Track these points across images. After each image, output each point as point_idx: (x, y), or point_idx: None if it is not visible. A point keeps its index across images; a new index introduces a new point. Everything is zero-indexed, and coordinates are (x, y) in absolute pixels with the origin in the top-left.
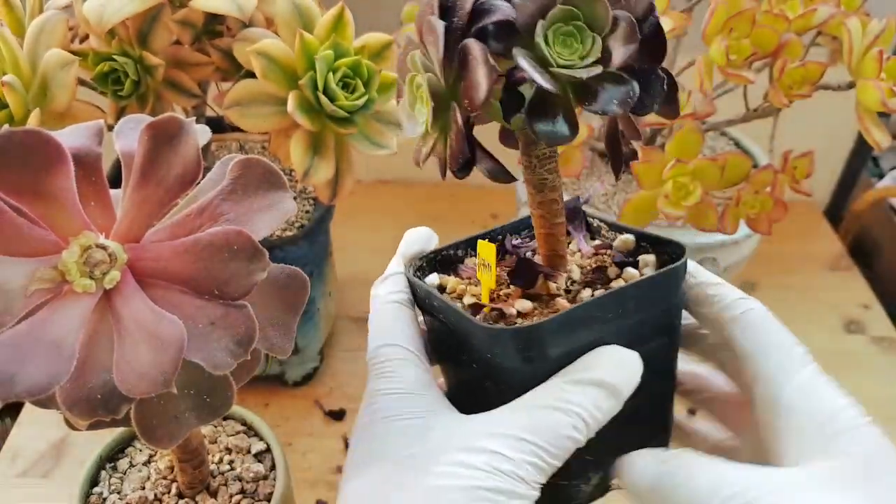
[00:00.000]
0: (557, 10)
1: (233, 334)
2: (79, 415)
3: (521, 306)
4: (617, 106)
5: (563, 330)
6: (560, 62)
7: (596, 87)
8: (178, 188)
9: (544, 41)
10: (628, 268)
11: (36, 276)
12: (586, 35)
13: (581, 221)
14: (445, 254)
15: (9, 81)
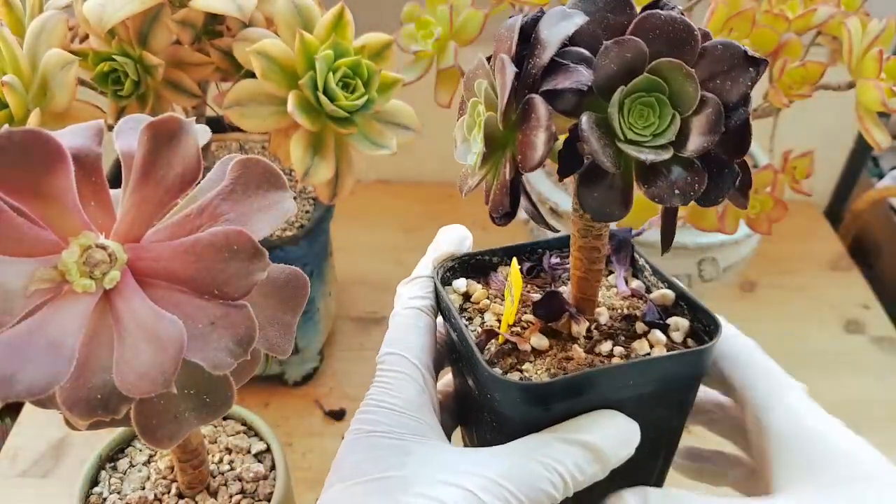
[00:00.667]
0: (642, 79)
1: (233, 334)
2: (79, 415)
3: (538, 343)
4: (678, 197)
5: (573, 390)
6: (629, 136)
7: (661, 171)
8: (178, 188)
9: (619, 110)
10: (657, 330)
11: (36, 276)
12: (667, 111)
13: (627, 256)
14: (480, 259)
15: (9, 81)
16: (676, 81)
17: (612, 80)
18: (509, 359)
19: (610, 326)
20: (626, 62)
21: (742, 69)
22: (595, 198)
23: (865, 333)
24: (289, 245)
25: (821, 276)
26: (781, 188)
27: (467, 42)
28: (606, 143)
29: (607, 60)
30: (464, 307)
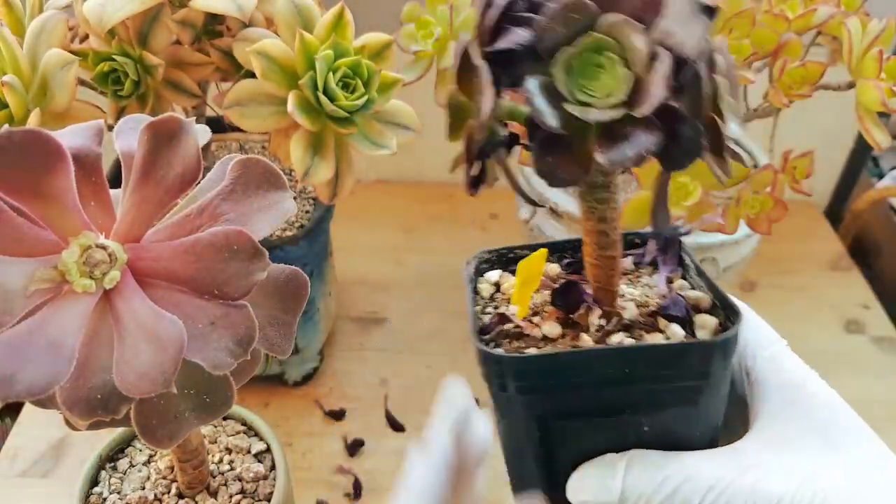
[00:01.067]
0: (590, 39)
1: (233, 334)
2: (79, 415)
3: (549, 330)
4: (631, 158)
5: (548, 371)
6: (580, 97)
7: (616, 132)
8: (178, 188)
9: (566, 72)
10: (675, 325)
11: (36, 276)
12: (619, 70)
13: (673, 255)
14: (517, 253)
15: (9, 81)
16: (625, 38)
17: (557, 41)
18: (516, 342)
19: (633, 321)
20: (572, 22)
21: (696, 20)
22: (548, 162)
23: (865, 333)
24: (289, 245)
25: (821, 276)
26: (781, 188)
27: None
28: (553, 105)
29: (552, 22)
30: (493, 297)
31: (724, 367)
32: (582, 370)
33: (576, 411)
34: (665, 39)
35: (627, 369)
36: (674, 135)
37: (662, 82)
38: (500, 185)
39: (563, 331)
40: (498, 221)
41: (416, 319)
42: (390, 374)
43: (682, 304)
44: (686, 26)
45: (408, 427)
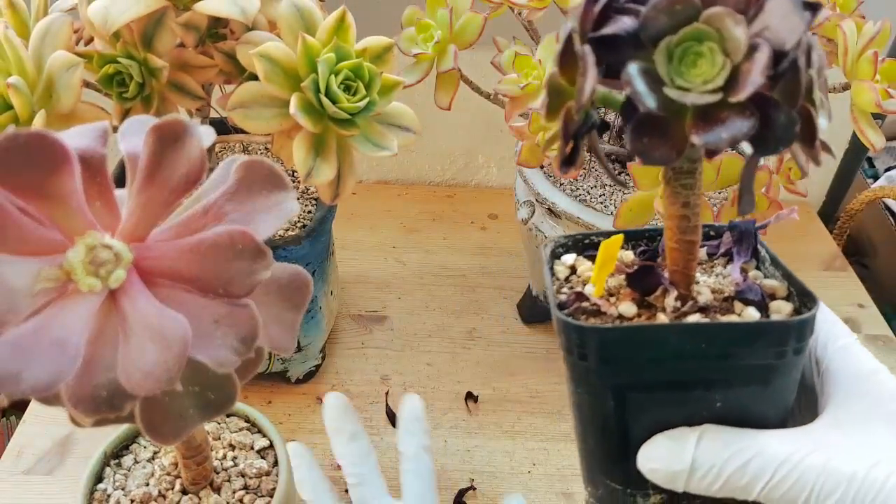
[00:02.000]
0: (692, 28)
1: (237, 332)
2: (84, 412)
3: (626, 310)
4: (725, 140)
5: (626, 343)
6: (678, 83)
7: (711, 116)
8: (183, 189)
9: (667, 58)
10: (751, 308)
11: (41, 276)
12: (717, 58)
13: (748, 247)
14: (593, 240)
15: (14, 83)
16: (726, 28)
17: (660, 29)
18: (593, 319)
19: (709, 304)
20: (675, 13)
21: (797, 14)
22: (644, 143)
23: (860, 332)
24: (291, 245)
25: (816, 275)
26: (776, 189)
27: (467, 45)
28: (652, 89)
29: (655, 11)
30: (568, 279)
31: (799, 350)
32: (661, 344)
33: (652, 384)
34: (764, 31)
35: (704, 345)
36: (768, 121)
37: (760, 70)
38: (499, 185)
39: (638, 311)
40: (497, 221)
41: (416, 318)
42: (391, 371)
43: (757, 289)
44: (787, 20)
45: None
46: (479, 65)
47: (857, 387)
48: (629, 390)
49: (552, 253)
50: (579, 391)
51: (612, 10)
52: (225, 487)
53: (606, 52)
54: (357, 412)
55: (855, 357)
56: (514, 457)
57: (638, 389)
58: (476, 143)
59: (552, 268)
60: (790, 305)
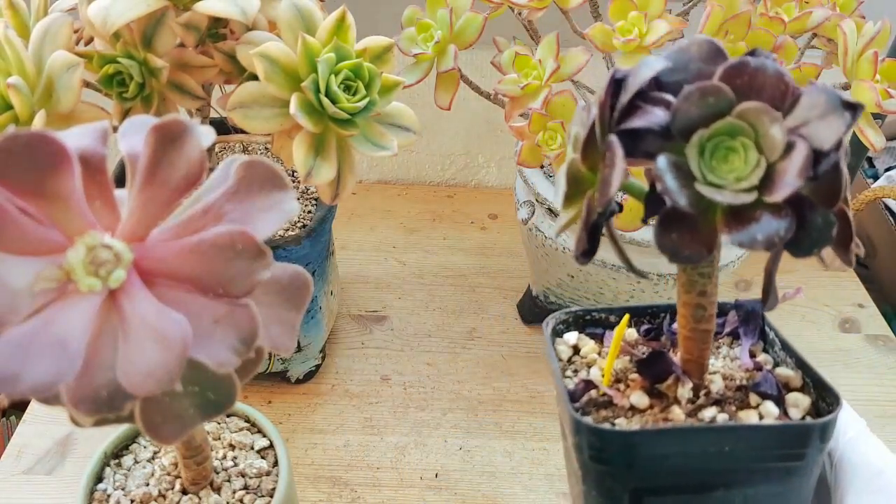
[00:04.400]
0: (724, 123)
1: (236, 332)
2: (84, 412)
3: (637, 401)
4: (762, 243)
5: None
6: (710, 178)
7: (745, 215)
8: (183, 189)
9: (698, 153)
10: (769, 402)
11: (41, 276)
12: (752, 156)
13: (756, 328)
14: (595, 316)
15: (14, 83)
16: (762, 125)
17: (691, 122)
18: (604, 411)
19: (721, 395)
20: (707, 105)
21: (837, 114)
22: (672, 239)
23: (860, 332)
24: (291, 244)
25: (816, 275)
26: None
27: (467, 45)
28: (683, 184)
29: (687, 104)
30: (571, 360)
31: (819, 450)
32: (682, 446)
33: (670, 487)
34: (801, 128)
35: (727, 447)
36: (804, 222)
37: (798, 171)
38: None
39: (650, 401)
40: (497, 222)
41: (416, 317)
42: (391, 371)
43: (772, 381)
44: (827, 119)
45: (408, 424)
46: (479, 65)
47: (869, 485)
48: (648, 494)
49: (553, 331)
50: (593, 493)
51: (641, 99)
52: (225, 487)
53: (634, 143)
54: None
55: (866, 451)
56: (513, 457)
57: (658, 493)
58: (476, 143)
59: (554, 347)
60: (808, 399)
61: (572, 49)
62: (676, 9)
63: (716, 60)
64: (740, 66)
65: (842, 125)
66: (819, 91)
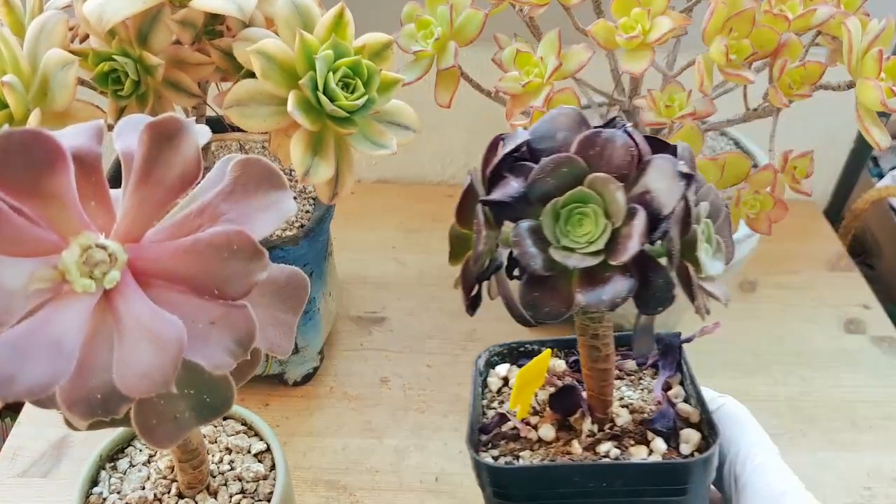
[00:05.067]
0: (577, 191)
1: (233, 334)
2: (79, 415)
3: (545, 433)
4: (605, 302)
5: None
6: (564, 242)
7: (595, 277)
8: (178, 188)
9: (553, 219)
10: (659, 439)
11: (36, 276)
12: (600, 220)
13: (673, 361)
14: (528, 348)
15: (9, 81)
16: (608, 193)
17: (547, 191)
18: (512, 444)
19: (624, 429)
20: (561, 175)
21: (674, 183)
22: (533, 297)
23: (865, 333)
24: (289, 245)
25: (821, 275)
26: (781, 188)
27: (467, 42)
28: (540, 249)
29: (542, 174)
30: (500, 391)
31: (702, 483)
32: (565, 482)
33: None
34: (645, 195)
35: (605, 483)
36: (648, 283)
37: (638, 236)
38: None
39: (557, 434)
40: None
41: (416, 319)
42: (390, 373)
43: (670, 416)
44: (667, 186)
45: (407, 426)
46: (479, 62)
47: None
48: None
49: (487, 363)
50: None
51: (505, 167)
52: (221, 491)
53: (501, 209)
54: None
55: (767, 477)
56: None
57: None
58: (477, 142)
59: (485, 380)
60: (698, 435)
61: (574, 46)
62: (680, 5)
63: (579, 129)
64: (593, 138)
65: (678, 191)
66: (661, 161)
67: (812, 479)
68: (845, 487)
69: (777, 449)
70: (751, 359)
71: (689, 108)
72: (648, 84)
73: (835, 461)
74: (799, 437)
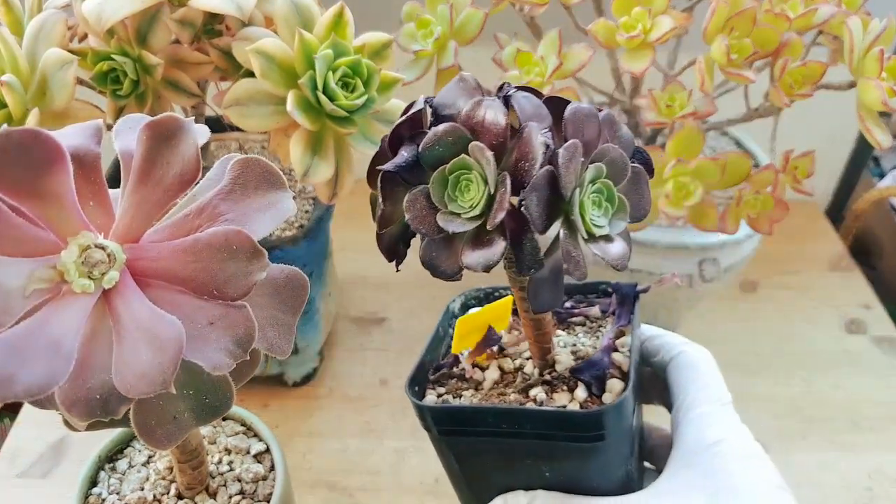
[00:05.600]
0: (460, 159)
1: (232, 334)
2: (78, 415)
3: (491, 374)
4: (481, 264)
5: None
6: (451, 207)
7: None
8: (177, 188)
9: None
10: (581, 386)
11: (34, 277)
12: (480, 187)
13: (627, 311)
14: (502, 293)
15: (7, 81)
16: (483, 161)
17: (434, 159)
18: (459, 383)
19: (560, 375)
20: (447, 144)
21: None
22: (431, 257)
23: (867, 333)
24: (288, 245)
25: (822, 275)
26: (782, 188)
27: (467, 41)
28: (426, 213)
29: (432, 143)
30: None
31: (618, 429)
32: (482, 422)
33: (485, 453)
34: (517, 164)
35: (516, 426)
36: (519, 245)
37: (503, 202)
38: None
39: (501, 376)
40: None
41: (415, 319)
42: (390, 374)
43: (601, 366)
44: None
45: (407, 428)
46: (479, 62)
47: (690, 458)
48: (469, 456)
49: (463, 306)
50: (438, 455)
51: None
52: (221, 492)
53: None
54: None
55: (703, 426)
56: None
57: (475, 456)
58: None
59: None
60: (621, 384)
61: (575, 45)
62: (681, 5)
63: (472, 95)
64: (475, 106)
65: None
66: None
67: (813, 480)
68: (846, 488)
69: (730, 397)
70: (752, 359)
71: (689, 108)
72: (649, 83)
73: (836, 461)
74: (800, 438)
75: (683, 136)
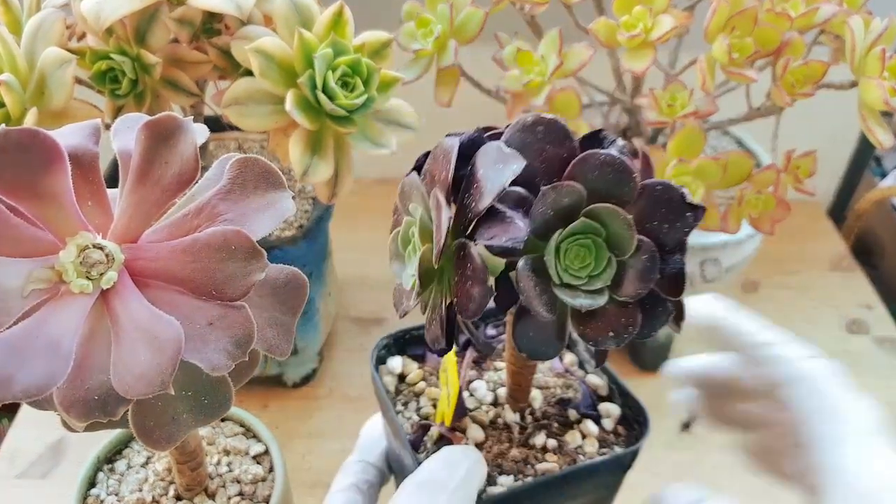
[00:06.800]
0: (579, 223)
1: (231, 335)
2: (76, 416)
3: (474, 435)
4: (612, 339)
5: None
6: (565, 279)
7: (596, 313)
8: (176, 188)
9: (555, 255)
10: (589, 421)
11: (32, 277)
12: (603, 254)
13: None
14: (415, 334)
15: (6, 80)
16: (614, 225)
17: (549, 225)
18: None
19: (544, 413)
20: (562, 207)
21: (680, 214)
22: (530, 338)
23: (868, 334)
24: (288, 245)
25: (824, 276)
26: (784, 188)
27: (467, 40)
28: (542, 289)
29: (544, 207)
30: (399, 389)
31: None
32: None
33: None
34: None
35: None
36: (648, 314)
37: (645, 272)
38: None
39: (486, 434)
40: None
41: (417, 320)
42: None
43: (588, 395)
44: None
45: None
46: (480, 61)
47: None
48: None
49: (378, 360)
50: None
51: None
52: (220, 493)
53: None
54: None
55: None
56: None
57: None
58: None
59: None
60: (617, 408)
61: (576, 45)
62: (682, 4)
63: (562, 142)
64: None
65: (685, 226)
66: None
67: None
68: None
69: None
70: None
71: (691, 107)
72: (650, 83)
73: None
74: None
75: (685, 136)
